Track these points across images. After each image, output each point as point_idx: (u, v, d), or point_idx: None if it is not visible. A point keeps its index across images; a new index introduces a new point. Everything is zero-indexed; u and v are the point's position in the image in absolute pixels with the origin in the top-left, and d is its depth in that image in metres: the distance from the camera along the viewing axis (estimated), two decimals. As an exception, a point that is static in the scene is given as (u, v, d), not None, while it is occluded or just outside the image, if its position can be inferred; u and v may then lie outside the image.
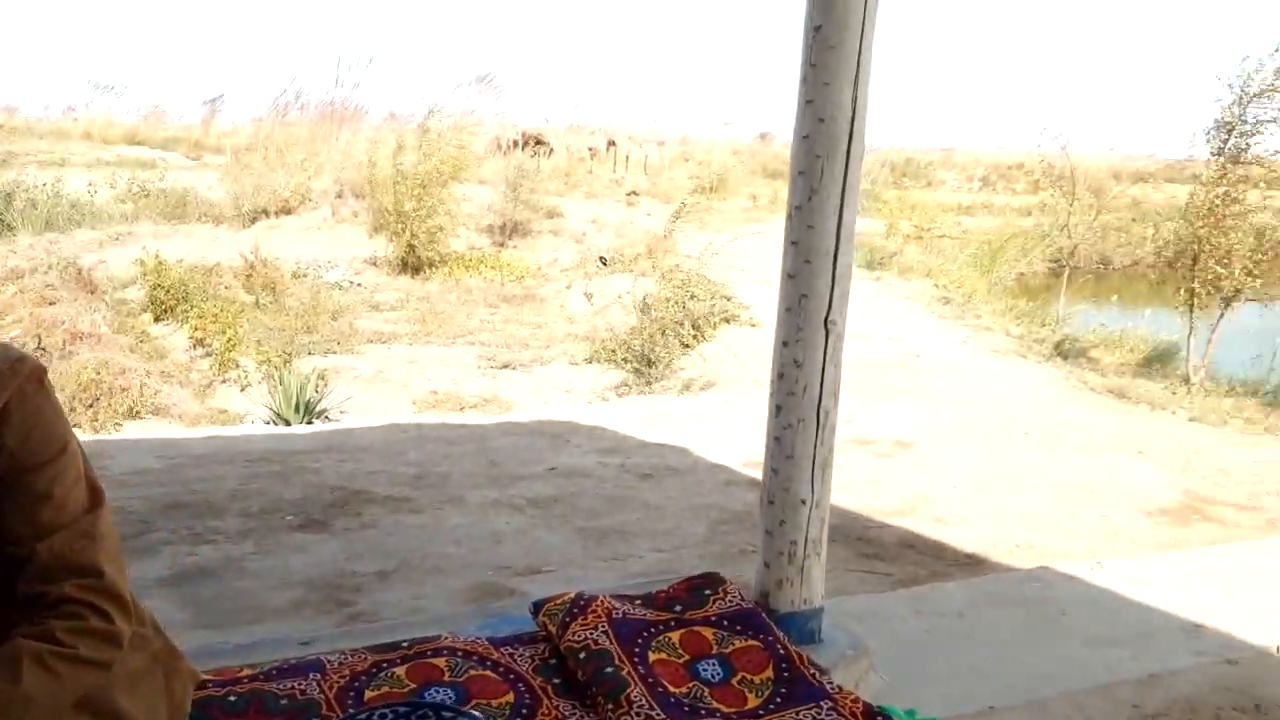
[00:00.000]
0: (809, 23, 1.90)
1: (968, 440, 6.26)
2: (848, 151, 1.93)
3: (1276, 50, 8.40)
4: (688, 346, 10.12)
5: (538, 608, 2.13)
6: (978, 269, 17.64)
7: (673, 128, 37.09)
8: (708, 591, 2.14)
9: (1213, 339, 9.44)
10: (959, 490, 5.12)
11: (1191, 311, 9.51)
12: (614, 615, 2.01)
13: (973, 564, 4.11)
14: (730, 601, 2.10)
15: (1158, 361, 11.02)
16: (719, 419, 7.11)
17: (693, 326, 10.24)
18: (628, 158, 35.69)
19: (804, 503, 2.10)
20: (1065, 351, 10.86)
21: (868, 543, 4.39)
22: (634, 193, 27.07)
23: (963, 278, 16.07)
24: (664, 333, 10.08)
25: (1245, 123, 8.73)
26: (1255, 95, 8.56)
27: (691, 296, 11.09)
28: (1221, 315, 9.43)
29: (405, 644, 2.02)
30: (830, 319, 2.02)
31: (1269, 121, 8.62)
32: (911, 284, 15.36)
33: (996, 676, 3.04)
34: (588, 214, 21.93)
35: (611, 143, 35.41)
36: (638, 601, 2.12)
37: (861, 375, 8.76)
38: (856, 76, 1.90)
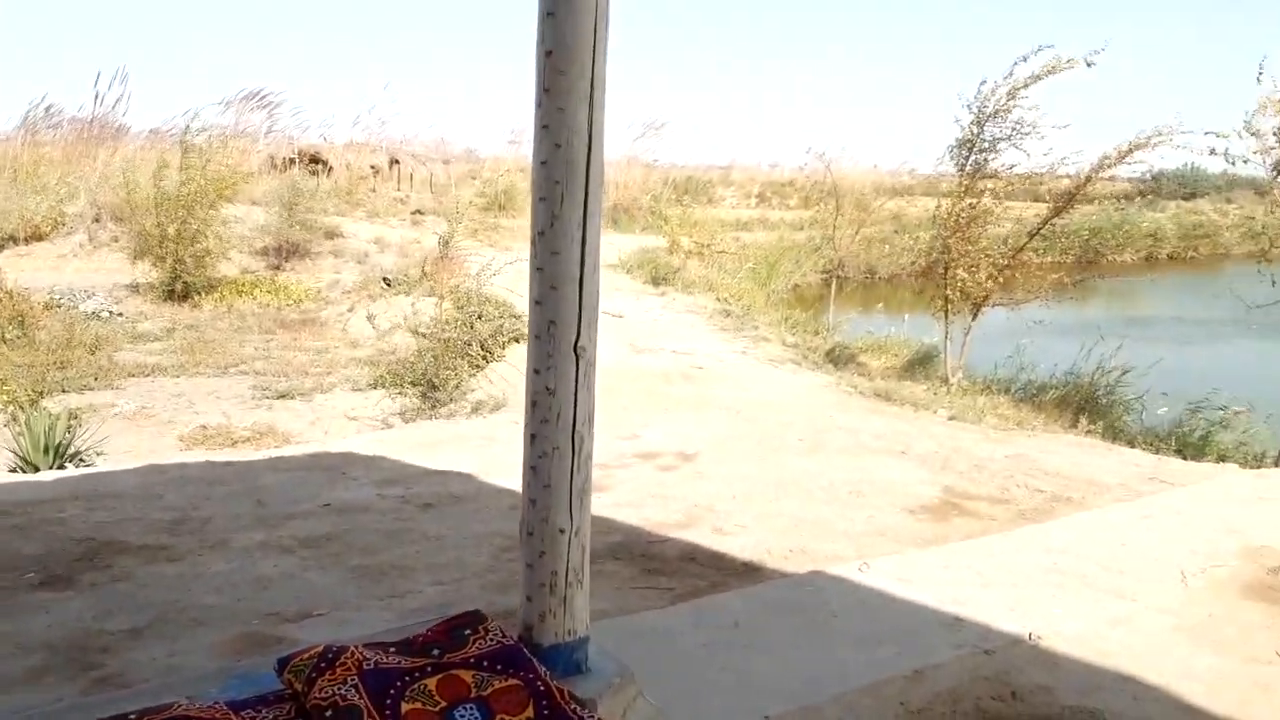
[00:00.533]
0: (540, 47, 1.87)
1: (746, 449, 6.43)
2: (586, 176, 1.91)
3: (1008, 75, 9.17)
4: (477, 367, 9.97)
5: (283, 664, 1.98)
6: (756, 282, 18.34)
7: (459, 145, 36.61)
8: (468, 631, 2.05)
9: (967, 342, 10.14)
10: (738, 499, 5.24)
11: (946, 317, 10.19)
12: (365, 666, 1.89)
13: (750, 572, 4.20)
14: (491, 640, 2.03)
15: (920, 364, 11.75)
16: (509, 441, 6.99)
17: (481, 347, 10.08)
18: (412, 175, 35.00)
19: (563, 532, 2.05)
20: (836, 358, 11.40)
21: (651, 558, 4.41)
22: (419, 211, 26.54)
23: (742, 290, 16.65)
24: (451, 354, 9.88)
25: (984, 141, 9.47)
26: (991, 115, 9.29)
27: (479, 316, 10.94)
28: (973, 319, 10.15)
29: (133, 715, 1.83)
30: (580, 345, 1.98)
31: (1003, 139, 9.37)
32: (695, 298, 15.76)
33: (771, 684, 3.10)
34: (370, 234, 21.33)
35: (395, 160, 34.62)
36: (393, 649, 2.01)
37: (647, 389, 8.89)
38: (591, 100, 1.88)
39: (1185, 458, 8.23)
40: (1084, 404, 9.92)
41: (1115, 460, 6.37)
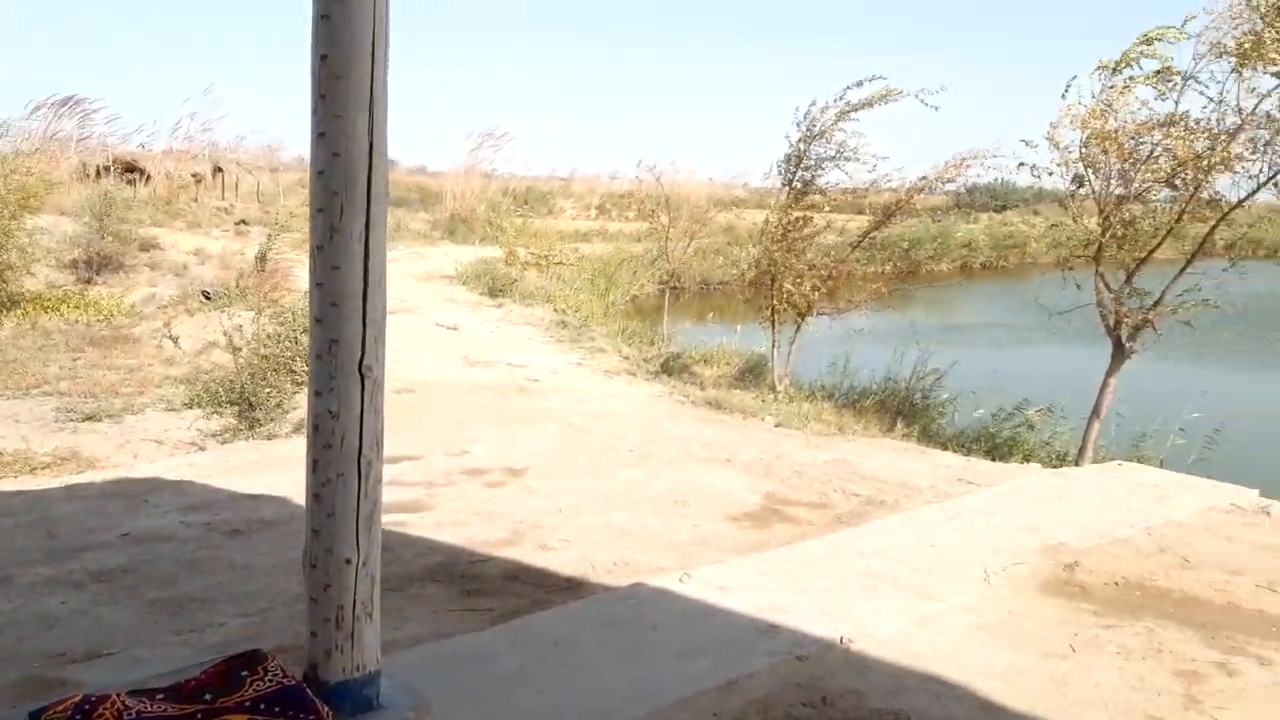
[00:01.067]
0: (315, 51, 1.77)
1: (577, 462, 6.39)
2: (368, 186, 1.82)
3: (839, 97, 9.49)
4: (301, 385, 9.57)
5: (35, 717, 1.81)
6: (594, 293, 18.40)
7: (292, 152, 35.29)
8: (245, 672, 1.92)
9: (793, 351, 10.43)
10: (564, 514, 5.19)
11: (774, 327, 10.44)
12: (125, 717, 1.75)
13: (573, 588, 4.15)
14: (270, 680, 1.90)
15: (751, 373, 11.99)
16: (328, 461, 6.76)
17: (306, 362, 9.69)
18: (237, 184, 33.56)
19: (349, 563, 1.94)
20: (671, 369, 11.53)
21: (472, 579, 4.30)
22: (243, 222, 25.47)
23: (580, 302, 16.67)
24: (274, 370, 9.45)
25: (810, 159, 9.77)
26: (818, 135, 9.59)
27: (304, 330, 10.51)
28: (799, 329, 10.44)
29: None
30: (365, 365, 1.89)
31: (828, 159, 9.70)
32: (533, 309, 15.67)
33: (586, 704, 3.06)
34: (190, 245, 20.35)
35: (218, 168, 33.11)
36: (160, 695, 1.86)
37: (480, 402, 8.75)
38: (371, 107, 1.79)
39: (994, 459, 8.67)
40: (901, 408, 10.34)
41: (928, 463, 6.64)
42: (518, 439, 7.16)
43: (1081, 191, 8.35)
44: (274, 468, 6.47)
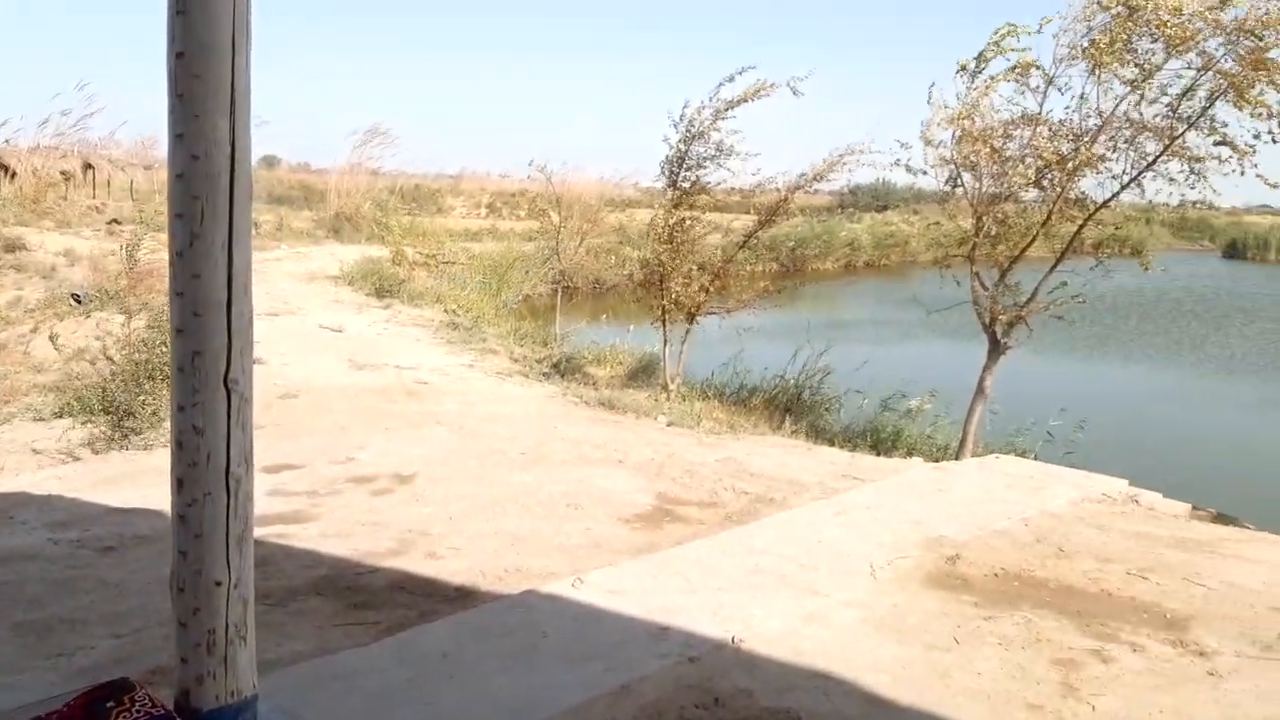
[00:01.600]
0: (170, 48, 1.68)
1: (467, 467, 6.29)
2: (231, 190, 1.74)
3: (713, 95, 9.58)
4: (178, 391, 9.19)
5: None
6: (486, 293, 18.19)
7: (164, 149, 33.99)
8: (110, 704, 1.82)
9: (684, 350, 10.49)
10: (454, 520, 5.10)
11: (664, 326, 10.48)
12: (-28, 761, 1.63)
13: (463, 598, 4.08)
14: (139, 712, 1.81)
15: (643, 372, 12.03)
16: (206, 470, 6.51)
17: (179, 370, 9.31)
18: (109, 182, 32.11)
19: (220, 585, 1.86)
20: (563, 369, 11.47)
21: (358, 591, 4.19)
22: (116, 221, 24.39)
23: (471, 302, 16.46)
24: (149, 377, 9.05)
25: (691, 159, 9.83)
26: (697, 136, 9.66)
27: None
28: (689, 329, 10.50)
29: None
30: (231, 378, 1.81)
31: (709, 159, 9.78)
32: (422, 310, 15.40)
33: (476, 717, 3.00)
34: (59, 246, 19.38)
35: (89, 165, 31.60)
36: (13, 734, 1.74)
37: (367, 407, 8.55)
38: (232, 107, 1.71)
39: (878, 453, 8.88)
40: (790, 405, 10.51)
41: (815, 460, 6.75)
42: (406, 444, 7.02)
43: (956, 191, 8.60)
44: (149, 479, 6.19)
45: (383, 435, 7.36)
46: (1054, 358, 16.13)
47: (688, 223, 10.06)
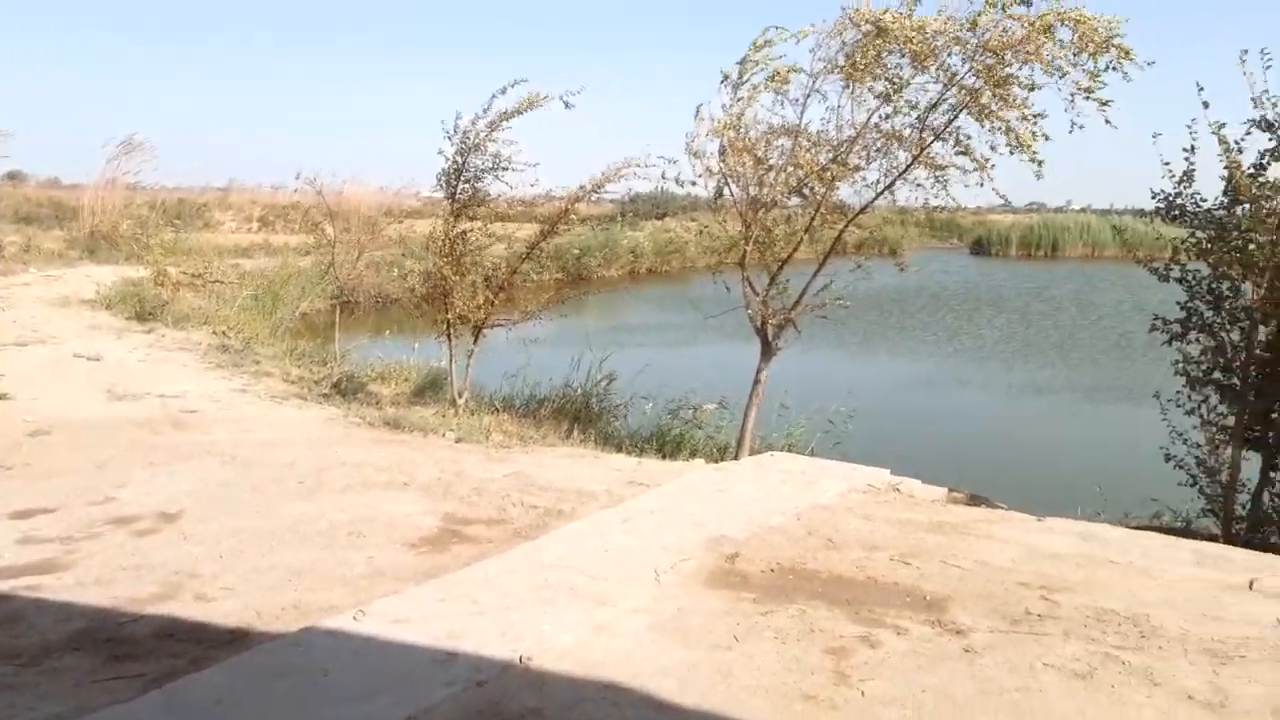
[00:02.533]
0: None
1: (240, 499, 5.98)
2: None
3: (486, 107, 9.52)
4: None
5: None
6: (260, 312, 17.37)
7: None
8: None
9: (471, 364, 10.37)
10: (226, 559, 4.84)
11: (450, 340, 10.34)
12: None
13: (237, 640, 3.87)
14: None
15: (431, 388, 11.82)
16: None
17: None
18: None
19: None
20: (345, 389, 11.11)
21: (120, 642, 3.90)
22: None
23: (243, 322, 15.67)
24: None
25: (469, 170, 9.74)
26: (474, 148, 9.59)
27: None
28: (475, 341, 10.40)
29: None
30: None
31: (486, 171, 9.72)
32: (189, 333, 14.53)
33: (252, 769, 2.87)
34: None
35: None
36: None
37: (129, 441, 7.97)
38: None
39: (664, 456, 9.09)
40: (578, 414, 10.60)
41: (602, 468, 6.83)
42: (173, 479, 6.59)
43: (724, 200, 8.92)
44: None
45: (146, 471, 6.89)
46: (830, 354, 17.04)
47: (469, 235, 9.96)
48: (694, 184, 9.07)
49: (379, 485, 6.23)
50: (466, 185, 9.80)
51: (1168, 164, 7.40)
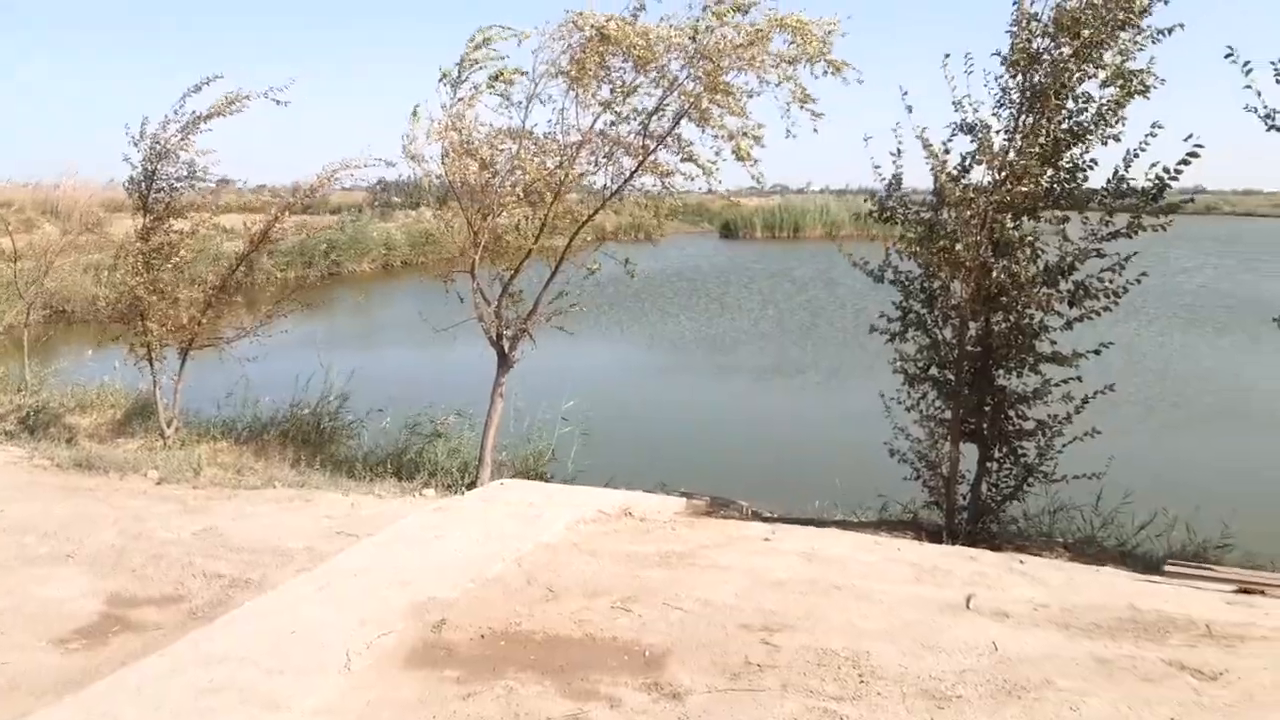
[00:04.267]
0: None
1: None
2: None
3: (179, 108, 8.57)
4: None
5: None
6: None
7: None
8: None
9: (179, 388, 9.40)
10: None
11: (152, 363, 9.31)
12: None
13: None
14: None
15: (140, 415, 10.66)
16: None
17: None
18: None
19: None
20: (33, 424, 9.83)
21: None
22: None
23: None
24: None
25: (162, 179, 8.76)
26: (163, 154, 8.62)
27: None
28: (183, 363, 9.43)
29: None
30: None
31: (182, 179, 8.77)
32: None
33: None
34: None
35: None
36: None
37: None
38: None
39: (401, 479, 8.53)
40: (307, 437, 9.84)
41: (310, 516, 6.19)
42: None
43: (450, 206, 8.42)
44: None
45: None
46: (584, 345, 16.81)
47: (167, 249, 8.96)
48: (416, 187, 8.52)
49: (37, 559, 5.34)
50: (160, 195, 8.79)
51: (878, 167, 7.53)
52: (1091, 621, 4.33)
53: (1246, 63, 6.32)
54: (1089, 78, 6.89)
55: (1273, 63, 6.17)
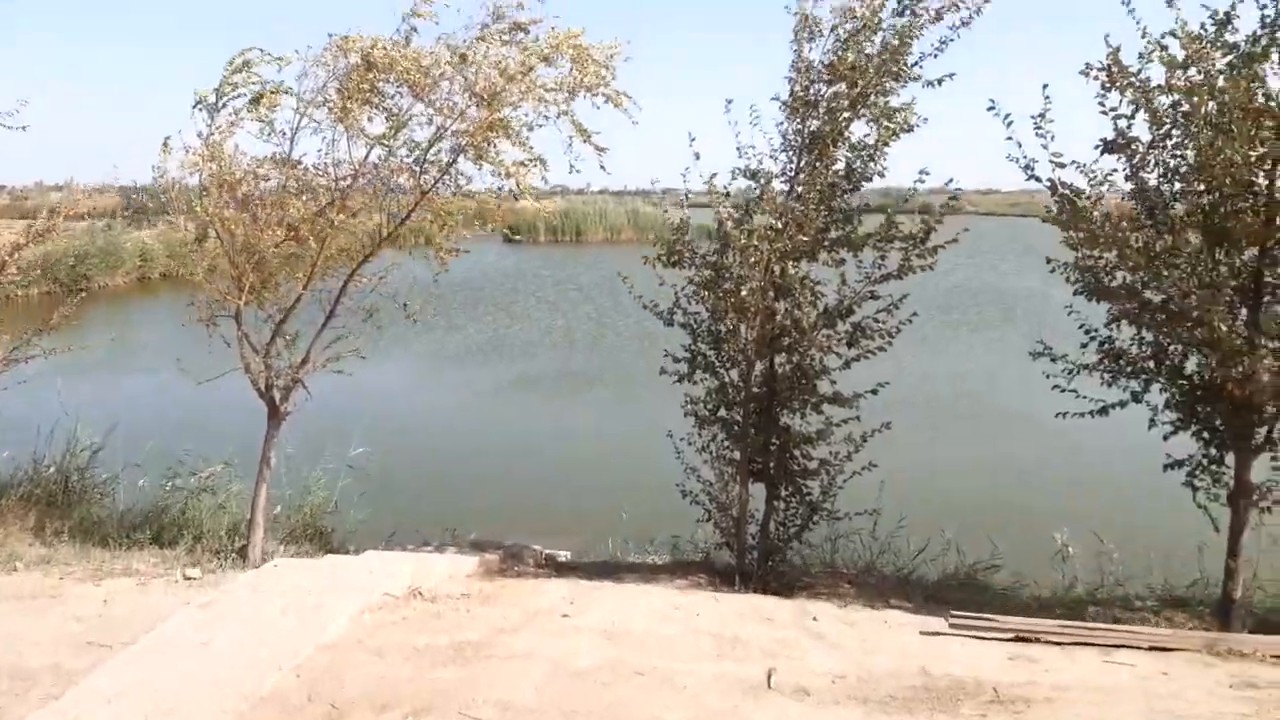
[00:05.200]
0: None
1: None
2: None
3: None
4: None
5: None
6: None
7: None
8: None
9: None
10: None
11: None
12: None
13: None
14: None
15: None
16: None
17: None
18: None
19: None
20: None
21: None
22: None
23: None
24: None
25: None
26: None
27: None
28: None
29: None
30: None
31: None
32: None
33: None
34: None
35: None
36: None
37: None
38: None
39: (162, 544, 7.79)
40: (53, 499, 8.84)
41: (57, 618, 5.36)
42: None
43: (208, 245, 7.72)
44: None
45: None
46: (367, 372, 16.13)
47: None
48: (170, 223, 7.81)
49: None
50: None
51: (666, 213, 7.49)
52: (888, 693, 4.41)
53: (1008, 115, 6.68)
54: (860, 118, 7.12)
55: (1033, 116, 6.54)
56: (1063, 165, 6.57)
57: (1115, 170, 6.57)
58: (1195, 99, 6.14)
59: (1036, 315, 22.78)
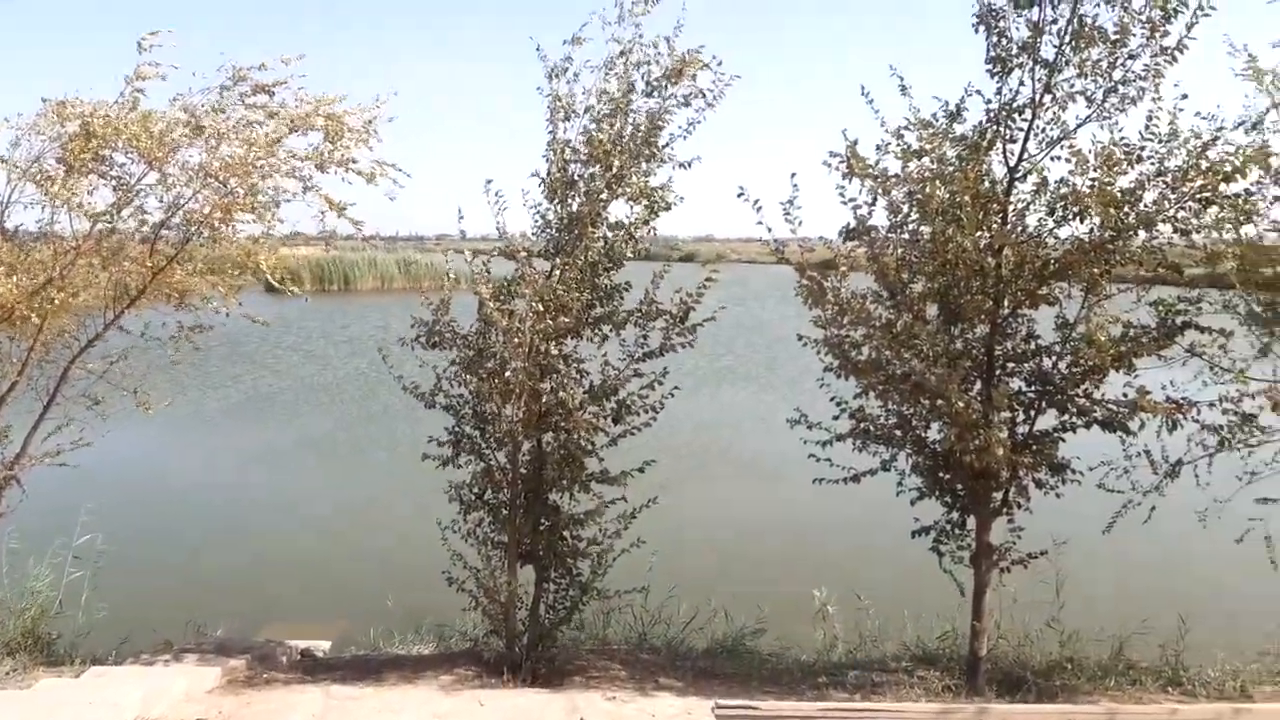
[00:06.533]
0: None
1: None
2: None
3: None
4: None
5: None
6: None
7: None
8: None
9: None
10: None
11: None
12: None
13: None
14: None
15: None
16: None
17: None
18: None
19: None
20: None
21: None
22: None
23: None
24: None
25: None
26: None
27: None
28: None
29: None
30: None
31: None
32: None
33: None
34: None
35: None
36: None
37: None
38: None
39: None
40: None
41: None
42: None
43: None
44: None
45: None
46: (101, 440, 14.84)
47: None
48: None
49: None
50: None
51: (427, 301, 7.26)
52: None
53: (756, 200, 6.89)
54: (619, 198, 7.15)
55: (782, 203, 6.79)
56: (811, 250, 6.87)
57: (858, 248, 6.94)
58: (927, 189, 6.56)
59: (796, 360, 23.87)
